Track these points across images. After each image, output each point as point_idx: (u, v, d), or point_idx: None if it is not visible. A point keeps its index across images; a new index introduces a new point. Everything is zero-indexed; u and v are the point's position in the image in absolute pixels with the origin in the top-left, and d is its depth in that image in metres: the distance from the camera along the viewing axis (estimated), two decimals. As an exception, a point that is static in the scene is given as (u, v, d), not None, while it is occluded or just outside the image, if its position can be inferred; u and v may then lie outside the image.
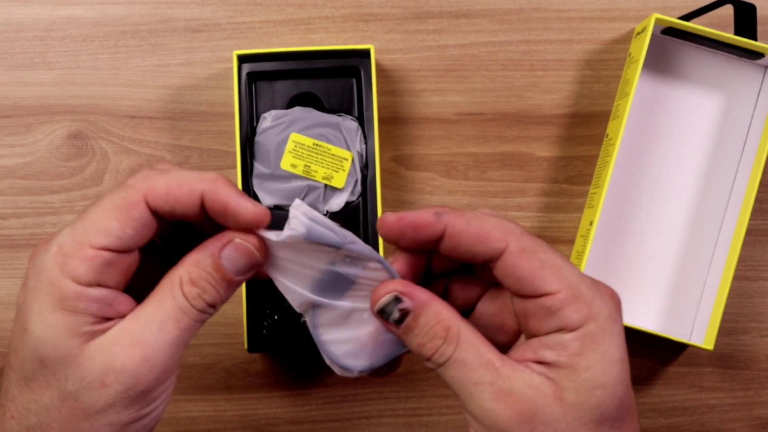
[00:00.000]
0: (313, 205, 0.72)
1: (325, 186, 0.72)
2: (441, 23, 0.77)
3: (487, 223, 0.47)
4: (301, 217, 0.47)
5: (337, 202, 0.72)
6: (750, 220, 0.73)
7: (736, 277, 0.76)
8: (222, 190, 0.47)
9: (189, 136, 0.76)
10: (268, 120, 0.72)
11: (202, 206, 0.48)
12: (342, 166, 0.72)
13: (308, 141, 0.72)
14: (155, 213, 0.47)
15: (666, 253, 0.76)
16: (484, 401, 0.46)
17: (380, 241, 0.71)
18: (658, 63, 0.76)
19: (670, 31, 0.74)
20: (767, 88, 0.75)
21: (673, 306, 0.76)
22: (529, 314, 0.47)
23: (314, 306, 0.50)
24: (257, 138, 0.72)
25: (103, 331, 0.46)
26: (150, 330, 0.46)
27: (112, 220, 0.46)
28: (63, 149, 0.76)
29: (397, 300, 0.48)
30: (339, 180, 0.72)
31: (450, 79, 0.77)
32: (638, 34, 0.75)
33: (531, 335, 0.48)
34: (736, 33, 0.73)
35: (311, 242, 0.47)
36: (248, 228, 0.48)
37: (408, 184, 0.77)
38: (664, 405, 0.78)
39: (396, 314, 0.48)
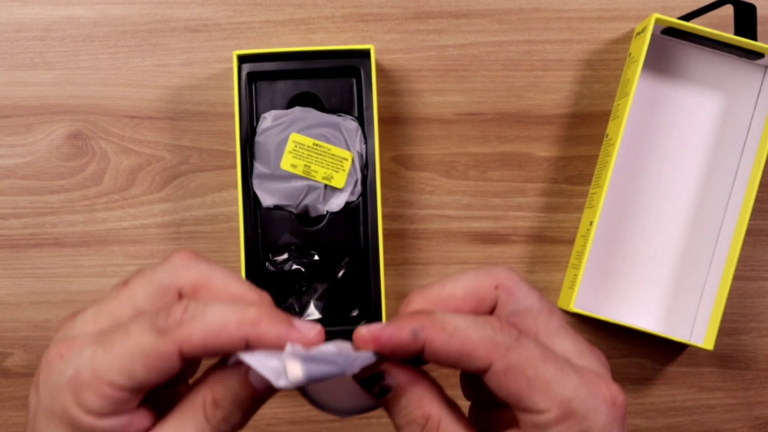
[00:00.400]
0: (313, 205, 0.72)
1: (325, 186, 0.72)
2: (441, 23, 0.77)
3: (469, 340, 0.43)
4: (295, 369, 0.42)
5: (337, 202, 0.72)
6: (750, 220, 0.73)
7: (736, 277, 0.76)
8: (267, 332, 0.42)
9: (189, 136, 0.76)
10: (268, 120, 0.72)
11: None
12: (342, 166, 0.72)
13: (308, 141, 0.72)
14: (185, 359, 0.43)
15: (666, 253, 0.76)
16: None
17: (381, 255, 0.71)
18: (658, 63, 0.76)
19: (670, 31, 0.74)
20: (767, 88, 0.75)
21: (673, 306, 0.76)
22: (521, 422, 0.44)
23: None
24: (257, 138, 0.72)
25: None
26: None
27: (138, 366, 0.42)
28: (63, 149, 0.76)
29: (376, 377, 0.45)
30: (339, 180, 0.72)
31: (450, 79, 0.77)
32: (638, 34, 0.75)
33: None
34: (736, 33, 0.73)
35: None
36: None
37: (408, 184, 0.77)
38: (664, 405, 0.78)
39: (376, 389, 0.45)
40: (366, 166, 0.73)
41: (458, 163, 0.77)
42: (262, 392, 0.43)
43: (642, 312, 0.76)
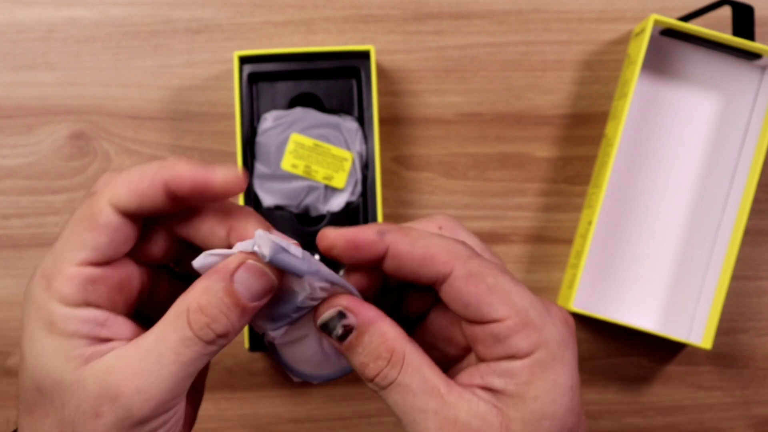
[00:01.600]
0: (314, 205, 0.72)
1: (326, 186, 0.72)
2: (441, 24, 0.77)
3: (433, 244, 0.44)
4: (266, 240, 0.43)
5: (337, 203, 0.73)
6: (748, 219, 0.73)
7: (734, 277, 0.76)
8: (183, 169, 0.43)
9: (190, 136, 0.76)
10: (268, 120, 0.73)
11: (173, 196, 0.44)
12: (342, 166, 0.72)
13: (309, 141, 0.72)
14: (127, 215, 0.44)
15: (664, 252, 0.77)
16: (428, 430, 0.44)
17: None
18: (657, 64, 0.76)
19: (669, 32, 0.74)
20: (765, 88, 0.76)
21: (672, 305, 0.76)
22: (477, 339, 0.45)
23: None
24: (258, 138, 0.72)
25: (98, 355, 0.43)
26: (147, 362, 0.43)
27: (84, 232, 0.43)
28: (65, 149, 0.76)
29: (340, 315, 0.45)
30: (339, 180, 0.72)
31: (450, 79, 0.77)
32: (637, 35, 0.75)
33: (480, 359, 0.45)
34: (734, 34, 0.73)
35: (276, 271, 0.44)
36: (224, 196, 0.44)
37: (408, 185, 0.77)
38: (662, 404, 0.78)
39: (339, 330, 0.45)
40: (366, 167, 0.73)
41: (458, 164, 0.77)
42: (246, 299, 0.43)
43: (640, 311, 0.76)
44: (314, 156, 0.72)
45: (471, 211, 0.77)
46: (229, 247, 0.45)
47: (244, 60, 0.73)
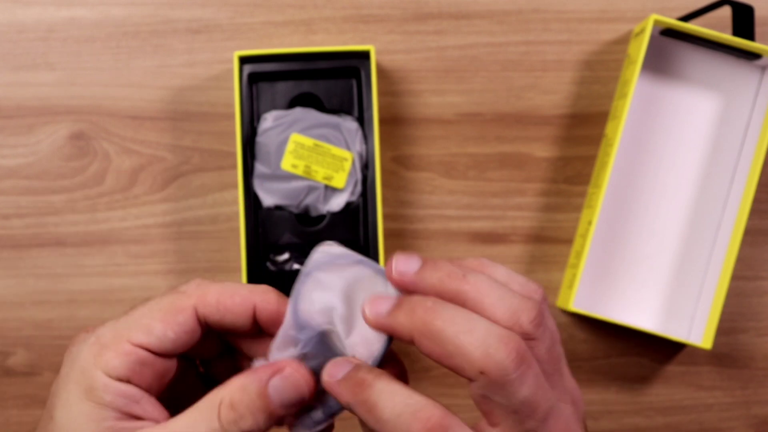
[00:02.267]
0: (314, 205, 0.72)
1: (326, 186, 0.72)
2: (441, 24, 0.77)
3: (461, 349, 0.44)
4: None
5: (337, 203, 0.73)
6: (748, 219, 0.73)
7: (734, 277, 0.76)
8: (274, 300, 0.48)
9: (190, 136, 0.76)
10: (268, 120, 0.73)
11: (253, 319, 0.48)
12: (342, 166, 0.72)
13: (309, 141, 0.72)
14: (204, 323, 0.47)
15: (664, 252, 0.77)
16: None
17: (381, 255, 0.72)
18: (657, 64, 0.76)
19: (669, 32, 0.74)
20: (765, 88, 0.76)
21: (672, 305, 0.76)
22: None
23: None
24: (258, 138, 0.72)
25: (127, 431, 0.45)
26: None
27: (156, 321, 0.46)
28: (65, 149, 0.76)
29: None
30: (339, 180, 0.72)
31: (450, 79, 0.77)
32: (637, 35, 0.75)
33: None
34: (734, 34, 0.73)
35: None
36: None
37: (408, 185, 0.77)
38: (662, 404, 0.78)
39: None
40: (366, 167, 0.73)
41: (458, 163, 0.77)
42: (276, 406, 0.45)
43: (640, 311, 0.76)
44: (314, 156, 0.72)
45: (471, 211, 0.77)
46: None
47: (244, 60, 0.73)
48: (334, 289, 0.48)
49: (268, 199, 0.72)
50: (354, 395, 0.45)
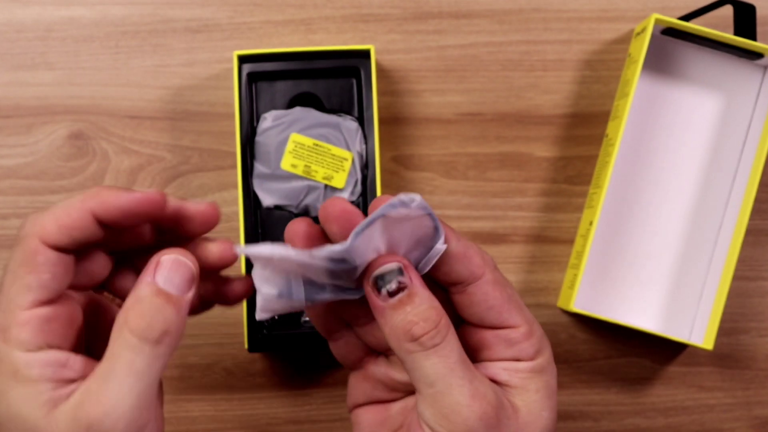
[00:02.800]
0: (314, 205, 0.72)
1: (325, 186, 0.72)
2: (441, 24, 0.77)
3: (471, 245, 0.49)
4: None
5: (337, 202, 0.72)
6: (749, 219, 0.73)
7: (736, 277, 0.76)
8: (108, 197, 0.45)
9: (190, 136, 0.76)
10: (268, 120, 0.72)
11: (100, 224, 0.46)
12: (342, 166, 0.72)
13: (308, 141, 0.72)
14: (59, 249, 0.45)
15: (665, 252, 0.76)
16: (463, 396, 0.46)
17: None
18: (658, 63, 0.76)
19: (670, 32, 0.74)
20: (766, 88, 0.76)
21: (673, 306, 0.76)
22: (485, 344, 0.50)
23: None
24: (257, 138, 0.72)
25: (66, 396, 0.44)
26: (107, 384, 0.44)
27: (25, 276, 0.44)
28: (64, 149, 0.76)
29: (399, 271, 0.47)
30: (339, 180, 0.72)
31: (450, 79, 0.77)
32: (638, 34, 0.75)
33: (481, 361, 0.51)
34: (736, 33, 0.73)
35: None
36: (151, 217, 0.47)
37: (408, 184, 0.77)
38: (663, 404, 0.78)
39: (393, 285, 0.47)
40: (366, 166, 0.73)
41: (458, 163, 0.77)
42: (176, 293, 0.46)
43: (641, 312, 0.76)
44: (314, 156, 0.72)
45: (471, 211, 0.77)
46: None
47: (243, 59, 0.72)
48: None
49: (267, 199, 0.72)
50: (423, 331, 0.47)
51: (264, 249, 0.46)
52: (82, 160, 0.76)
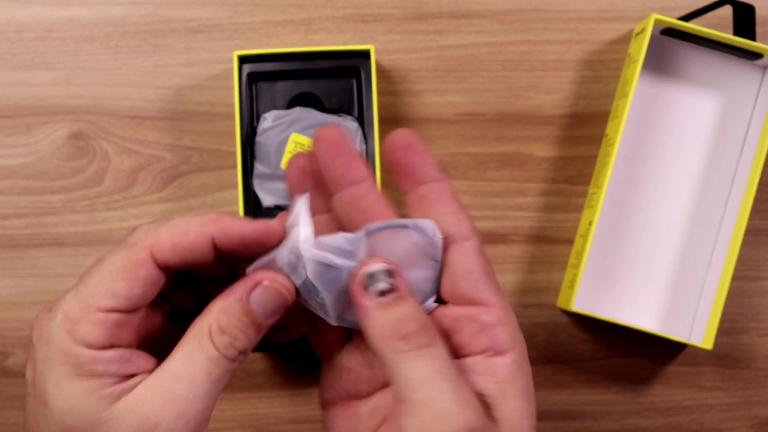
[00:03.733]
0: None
1: (326, 186, 0.72)
2: (441, 24, 0.77)
3: (465, 211, 0.49)
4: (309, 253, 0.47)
5: (337, 202, 0.72)
6: (749, 219, 0.73)
7: (735, 277, 0.76)
8: (230, 224, 0.46)
9: (190, 136, 0.76)
10: (268, 120, 0.72)
11: (215, 249, 0.47)
12: (342, 166, 0.72)
13: (309, 141, 0.72)
14: (163, 267, 0.46)
15: (665, 252, 0.76)
16: (452, 403, 0.44)
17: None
18: (657, 63, 0.76)
19: (670, 32, 0.74)
20: (766, 88, 0.76)
21: (672, 305, 0.76)
22: (458, 328, 0.48)
23: None
24: (258, 138, 0.72)
25: (127, 390, 0.45)
26: (181, 385, 0.45)
27: (118, 282, 0.45)
28: (64, 149, 0.76)
29: (388, 273, 0.46)
30: (339, 180, 0.72)
31: (450, 79, 0.77)
32: (637, 34, 0.75)
33: (456, 353, 0.48)
34: (735, 33, 0.73)
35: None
36: (269, 247, 0.47)
37: (408, 184, 0.77)
38: (663, 404, 0.78)
39: (384, 285, 0.46)
40: (366, 167, 0.73)
41: (458, 163, 0.77)
42: (262, 318, 0.46)
43: (641, 311, 0.76)
44: (314, 156, 0.72)
45: (471, 211, 0.77)
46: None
47: (243, 59, 0.73)
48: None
49: (268, 199, 0.72)
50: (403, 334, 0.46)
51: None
52: (83, 160, 0.76)
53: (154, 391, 0.44)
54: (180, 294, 0.52)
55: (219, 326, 0.45)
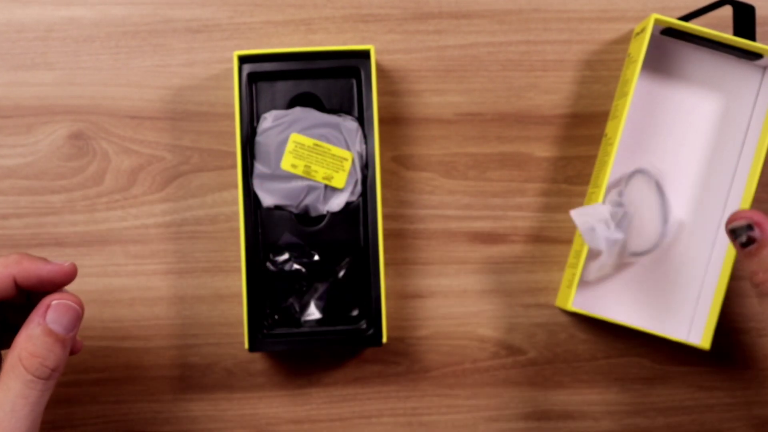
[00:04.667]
0: (314, 205, 0.72)
1: (326, 186, 0.72)
2: (441, 24, 0.77)
3: None
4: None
5: (337, 202, 0.72)
6: (748, 220, 0.73)
7: (734, 277, 0.76)
8: (30, 266, 0.54)
9: (190, 136, 0.76)
10: (268, 120, 0.72)
11: (16, 287, 0.54)
12: (342, 166, 0.72)
13: (308, 141, 0.72)
14: None
15: (664, 252, 0.76)
16: None
17: (381, 255, 0.71)
18: (657, 63, 0.76)
19: (670, 32, 0.74)
20: (766, 88, 0.76)
21: (672, 305, 0.76)
22: None
23: None
24: (258, 138, 0.72)
25: None
26: (2, 413, 0.50)
27: None
28: (64, 149, 0.76)
29: (749, 227, 0.58)
30: (339, 180, 0.72)
31: (450, 79, 0.77)
32: (637, 34, 0.75)
33: None
34: (735, 34, 0.73)
35: None
36: (64, 284, 0.56)
37: (408, 184, 0.77)
38: (663, 404, 0.78)
39: (743, 238, 0.58)
40: (366, 167, 0.73)
41: (458, 163, 0.77)
42: (62, 333, 0.53)
43: (640, 311, 0.76)
44: (314, 156, 0.72)
45: (471, 211, 0.77)
46: None
47: (243, 59, 0.73)
48: None
49: (267, 199, 0.72)
50: None
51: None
52: (83, 160, 0.76)
53: None
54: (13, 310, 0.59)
55: (28, 353, 0.52)
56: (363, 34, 0.77)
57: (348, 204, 0.73)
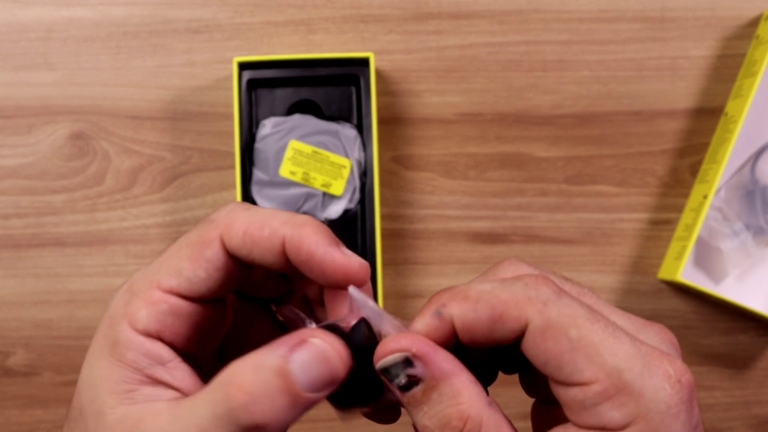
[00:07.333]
0: (312, 212, 0.72)
1: (324, 193, 0.72)
2: (441, 24, 0.77)
3: (499, 299, 0.35)
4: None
5: (335, 210, 0.73)
6: None
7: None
8: (308, 236, 0.37)
9: (190, 136, 0.76)
10: (267, 127, 0.73)
11: (286, 257, 0.38)
12: (341, 173, 0.72)
13: (307, 148, 0.72)
14: (234, 257, 0.39)
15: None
16: None
17: (378, 261, 0.71)
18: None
19: None
20: None
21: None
22: (562, 401, 0.36)
23: None
24: (257, 145, 0.72)
25: (141, 398, 0.38)
26: (173, 430, 0.36)
27: (184, 260, 0.38)
28: (65, 149, 0.76)
29: (406, 362, 0.36)
30: (337, 187, 0.72)
31: (450, 79, 0.77)
32: (767, 18, 0.75)
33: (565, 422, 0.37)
34: None
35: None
36: (338, 286, 0.39)
37: (408, 185, 0.77)
38: (661, 404, 0.78)
39: (402, 379, 0.36)
40: (365, 174, 0.73)
41: (458, 163, 0.77)
42: (301, 387, 0.36)
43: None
44: (313, 163, 0.72)
45: (471, 211, 0.77)
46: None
47: (243, 66, 0.73)
48: None
49: (265, 206, 0.72)
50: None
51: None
52: (83, 160, 0.76)
53: (151, 421, 0.37)
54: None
55: (242, 380, 0.35)
56: (363, 35, 0.77)
57: (346, 211, 0.73)
